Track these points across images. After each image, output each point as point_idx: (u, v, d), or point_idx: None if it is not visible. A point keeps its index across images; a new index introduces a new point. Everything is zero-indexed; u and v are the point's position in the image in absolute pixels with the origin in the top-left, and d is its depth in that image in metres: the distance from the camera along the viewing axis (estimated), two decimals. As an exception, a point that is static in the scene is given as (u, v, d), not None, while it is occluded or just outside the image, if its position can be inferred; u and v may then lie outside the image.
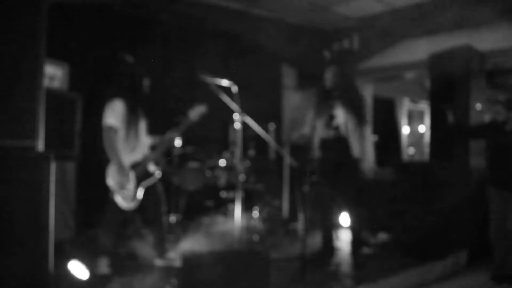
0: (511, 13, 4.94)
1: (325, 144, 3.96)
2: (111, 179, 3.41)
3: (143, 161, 3.54)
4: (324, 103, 3.98)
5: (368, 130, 3.99)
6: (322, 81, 4.03)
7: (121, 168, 3.39)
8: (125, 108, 3.43)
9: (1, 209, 2.63)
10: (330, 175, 3.93)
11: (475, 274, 4.30)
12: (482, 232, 4.26)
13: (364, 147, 3.91)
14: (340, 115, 3.90)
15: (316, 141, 4.01)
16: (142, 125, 3.61)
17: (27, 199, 2.66)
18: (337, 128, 3.90)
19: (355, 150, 3.87)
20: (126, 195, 3.43)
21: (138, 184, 3.48)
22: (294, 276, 3.54)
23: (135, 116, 3.49)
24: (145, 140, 3.64)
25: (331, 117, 3.92)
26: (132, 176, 3.45)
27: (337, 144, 3.90)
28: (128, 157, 3.47)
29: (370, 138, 3.99)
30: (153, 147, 3.69)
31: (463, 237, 4.56)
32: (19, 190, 2.65)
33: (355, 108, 3.90)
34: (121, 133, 3.43)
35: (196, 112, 3.67)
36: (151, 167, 3.61)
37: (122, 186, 3.42)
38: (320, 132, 3.97)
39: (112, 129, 3.37)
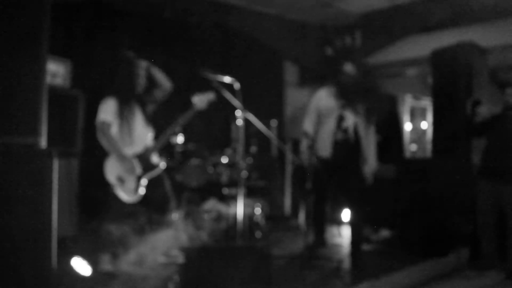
0: None
1: (334, 145, 3.86)
2: (110, 174, 3.42)
3: (144, 152, 3.54)
4: (337, 101, 3.85)
5: (372, 132, 3.89)
6: (340, 76, 3.89)
7: (122, 158, 3.39)
8: (118, 106, 3.45)
9: (4, 205, 2.64)
10: (335, 176, 3.88)
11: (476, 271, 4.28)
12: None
13: (369, 150, 3.85)
14: (350, 117, 3.81)
15: (324, 137, 3.91)
16: (139, 119, 3.58)
17: (30, 196, 2.66)
18: (345, 131, 3.82)
19: (365, 154, 3.82)
20: (128, 188, 3.43)
21: (140, 175, 3.48)
22: (296, 272, 3.54)
23: (128, 113, 3.48)
24: (145, 131, 3.61)
25: (341, 118, 3.83)
26: (136, 164, 3.46)
27: (344, 147, 3.82)
28: (127, 150, 3.47)
29: (374, 140, 3.89)
30: (156, 137, 3.68)
31: (465, 233, 4.55)
32: (22, 187, 2.65)
33: (366, 110, 3.79)
34: (115, 128, 3.44)
35: (202, 99, 3.59)
36: (154, 159, 3.61)
37: (122, 180, 3.42)
38: (328, 131, 3.88)
39: (105, 124, 3.40)
